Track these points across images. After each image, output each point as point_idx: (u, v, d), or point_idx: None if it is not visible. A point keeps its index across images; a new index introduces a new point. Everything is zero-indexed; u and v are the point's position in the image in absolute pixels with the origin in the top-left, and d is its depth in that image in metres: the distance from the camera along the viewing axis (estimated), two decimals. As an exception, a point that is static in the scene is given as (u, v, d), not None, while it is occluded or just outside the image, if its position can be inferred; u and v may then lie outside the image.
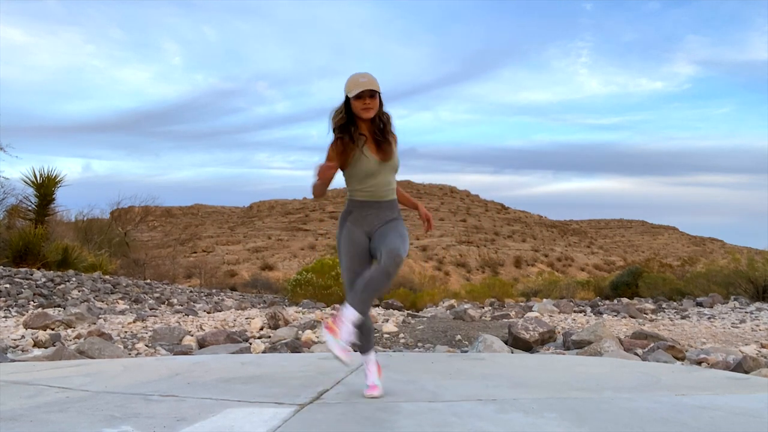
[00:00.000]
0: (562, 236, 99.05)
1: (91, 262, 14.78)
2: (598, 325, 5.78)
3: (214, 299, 12.82)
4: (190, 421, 2.34)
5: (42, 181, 15.01)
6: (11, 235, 13.22)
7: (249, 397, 2.80)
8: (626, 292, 17.44)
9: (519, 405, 2.68)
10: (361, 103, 2.81)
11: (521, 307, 11.29)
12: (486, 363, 4.14)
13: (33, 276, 10.49)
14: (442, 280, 42.84)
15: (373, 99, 2.82)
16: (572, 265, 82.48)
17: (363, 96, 2.80)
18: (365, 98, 2.81)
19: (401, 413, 2.53)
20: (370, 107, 2.82)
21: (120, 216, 24.50)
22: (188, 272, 34.38)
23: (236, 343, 5.45)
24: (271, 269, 62.90)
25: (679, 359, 4.92)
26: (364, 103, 2.81)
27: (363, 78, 2.80)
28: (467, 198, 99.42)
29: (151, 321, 7.43)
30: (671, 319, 8.73)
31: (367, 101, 2.81)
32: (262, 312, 8.96)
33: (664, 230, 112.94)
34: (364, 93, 2.79)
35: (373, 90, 2.81)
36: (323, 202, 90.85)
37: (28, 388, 2.98)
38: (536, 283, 23.31)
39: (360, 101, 2.81)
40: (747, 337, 6.54)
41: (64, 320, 6.50)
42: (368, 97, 2.81)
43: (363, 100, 2.81)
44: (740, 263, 14.34)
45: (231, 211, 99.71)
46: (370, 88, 2.79)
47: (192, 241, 75.03)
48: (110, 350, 4.81)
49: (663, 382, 3.36)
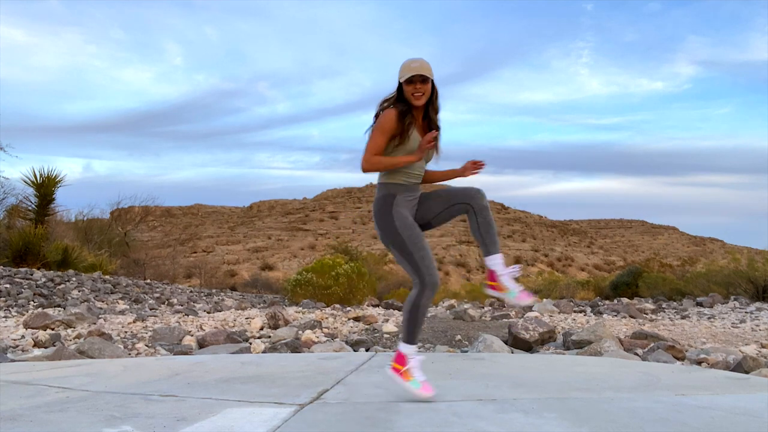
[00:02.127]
0: (562, 236, 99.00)
1: (91, 262, 14.78)
2: (598, 325, 5.78)
3: (214, 299, 12.82)
4: (190, 421, 2.34)
5: (42, 181, 15.02)
6: (11, 235, 13.22)
7: (249, 397, 2.80)
8: (626, 292, 17.45)
9: (519, 405, 2.68)
10: (412, 88, 2.75)
11: (521, 307, 11.28)
12: (486, 363, 4.13)
13: (33, 276, 10.49)
14: (442, 280, 42.84)
15: (424, 84, 2.76)
16: (572, 265, 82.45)
17: (414, 81, 2.74)
18: (416, 83, 2.75)
19: (401, 413, 2.53)
20: (421, 93, 2.76)
21: (120, 216, 24.49)
22: (188, 272, 34.40)
23: (236, 343, 5.44)
24: (271, 269, 62.89)
25: (679, 359, 4.92)
26: (415, 88, 2.75)
27: (415, 63, 2.75)
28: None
29: (151, 321, 7.43)
30: (671, 319, 8.73)
31: (419, 86, 2.75)
32: (262, 312, 8.95)
33: (664, 230, 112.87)
34: (415, 78, 2.73)
35: (425, 75, 2.74)
36: (323, 202, 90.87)
37: (28, 388, 2.98)
38: (536, 283, 23.30)
39: (411, 86, 2.75)
40: (747, 337, 6.53)
41: (64, 320, 6.50)
42: (419, 82, 2.75)
43: (414, 85, 2.75)
44: (740, 263, 14.33)
45: (231, 211, 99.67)
46: (421, 73, 2.73)
47: (192, 241, 74.98)
48: (110, 350, 4.81)
49: (663, 382, 3.36)
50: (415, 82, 2.74)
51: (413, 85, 2.74)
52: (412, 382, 2.76)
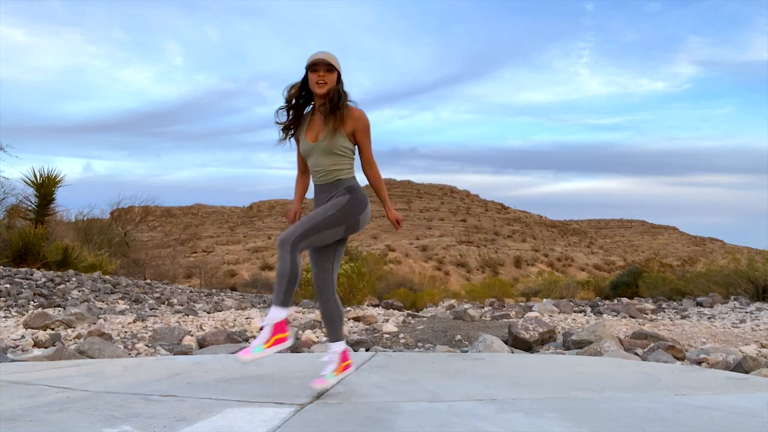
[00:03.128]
0: (562, 236, 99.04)
1: (91, 262, 14.78)
2: (598, 325, 5.78)
3: (214, 299, 12.82)
4: (190, 421, 2.34)
5: (42, 181, 15.01)
6: (11, 235, 13.22)
7: (249, 397, 2.80)
8: (626, 292, 17.44)
9: (519, 405, 2.68)
10: (315, 76, 2.71)
11: (521, 307, 11.29)
12: (486, 363, 4.13)
13: (33, 276, 10.49)
14: (442, 280, 42.87)
15: (329, 73, 2.71)
16: (572, 265, 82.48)
17: (318, 69, 2.69)
18: (320, 71, 2.70)
19: (401, 413, 2.53)
20: (324, 81, 2.71)
21: (120, 216, 24.48)
22: (188, 272, 34.42)
23: (236, 343, 5.44)
24: (271, 269, 62.90)
25: (679, 359, 4.92)
26: (319, 75, 2.70)
27: (322, 53, 2.72)
28: (467, 198, 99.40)
29: (151, 321, 7.43)
30: (671, 319, 8.73)
31: (321, 73, 2.70)
32: (262, 312, 8.95)
33: (664, 230, 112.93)
34: (319, 65, 2.69)
35: (330, 64, 2.70)
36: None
37: (28, 388, 2.98)
38: (536, 283, 23.32)
39: (315, 74, 2.71)
40: (747, 337, 6.53)
41: (64, 320, 6.50)
42: (323, 70, 2.70)
43: (317, 73, 2.70)
44: (740, 263, 14.34)
45: (231, 211, 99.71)
46: (325, 59, 2.69)
47: (192, 241, 74.95)
48: (110, 350, 4.81)
49: (663, 382, 3.36)
50: (318, 70, 2.70)
51: (317, 73, 2.71)
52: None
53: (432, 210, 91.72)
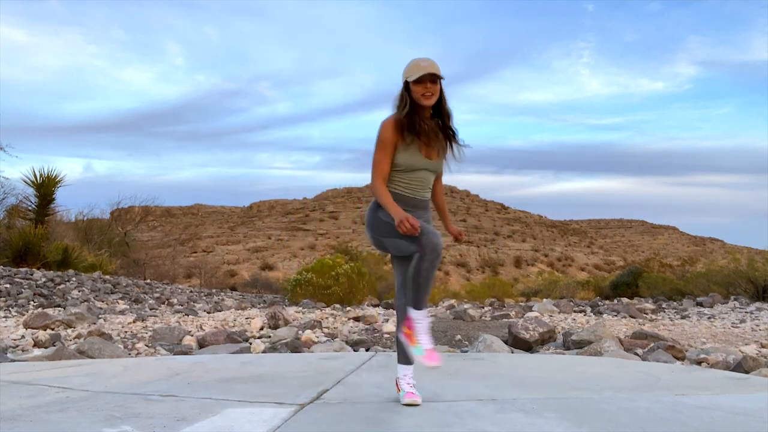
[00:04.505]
0: (562, 236, 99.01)
1: (91, 262, 14.79)
2: (598, 325, 5.78)
3: (214, 299, 12.83)
4: (190, 421, 2.34)
5: (42, 181, 15.02)
6: (11, 235, 13.23)
7: (249, 397, 2.80)
8: (626, 292, 17.44)
9: (519, 405, 2.68)
10: (422, 88, 2.66)
11: (521, 307, 11.28)
12: (486, 363, 4.13)
13: (33, 276, 10.49)
14: (442, 280, 42.88)
15: (434, 85, 2.68)
16: (572, 265, 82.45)
17: (424, 80, 2.65)
18: (426, 83, 2.66)
19: (401, 413, 2.53)
20: (431, 93, 2.68)
21: (120, 216, 24.49)
22: (188, 272, 34.40)
23: (236, 343, 5.44)
24: (271, 269, 62.90)
25: (679, 359, 4.92)
26: (425, 87, 2.66)
27: (424, 62, 2.66)
28: (467, 198, 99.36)
29: (151, 321, 7.43)
30: (671, 319, 8.73)
31: (429, 86, 2.66)
32: (262, 312, 8.96)
33: (664, 230, 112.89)
34: (425, 77, 2.65)
35: (435, 75, 2.66)
36: (323, 202, 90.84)
37: (28, 388, 2.98)
38: (536, 283, 23.33)
39: (421, 86, 2.65)
40: (747, 337, 6.53)
41: (64, 320, 6.50)
42: (429, 81, 2.66)
43: (424, 85, 2.65)
44: (740, 263, 14.34)
45: (231, 211, 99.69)
46: (431, 72, 2.64)
47: (192, 241, 74.93)
48: (110, 350, 4.81)
49: (663, 382, 3.36)
50: (425, 81, 2.66)
51: (423, 84, 2.66)
52: (416, 348, 2.64)
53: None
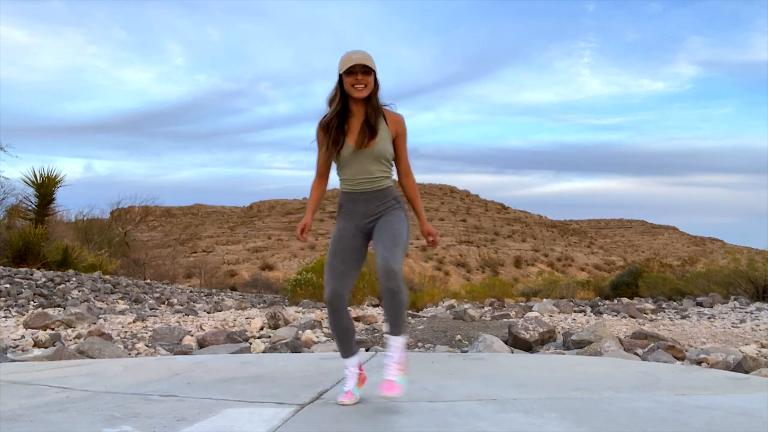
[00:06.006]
0: (562, 236, 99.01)
1: (91, 262, 14.78)
2: (598, 325, 5.78)
3: (214, 299, 12.82)
4: (190, 421, 2.34)
5: (42, 181, 15.01)
6: (11, 235, 13.22)
7: (249, 397, 2.80)
8: (626, 292, 17.42)
9: (519, 405, 2.68)
10: (352, 79, 2.61)
11: (521, 307, 11.28)
12: (486, 363, 4.13)
13: (33, 276, 10.49)
14: (442, 280, 42.81)
15: (366, 76, 2.62)
16: (572, 265, 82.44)
17: (354, 72, 2.60)
18: (357, 74, 2.60)
19: (401, 413, 2.53)
20: (363, 85, 2.62)
21: (120, 216, 24.48)
22: (188, 272, 34.35)
23: (236, 343, 5.44)
24: (271, 269, 62.91)
25: (679, 359, 4.92)
26: (356, 79, 2.60)
27: (356, 54, 2.60)
28: (467, 198, 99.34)
29: (151, 321, 7.43)
30: (671, 319, 8.73)
31: (359, 77, 2.61)
32: (262, 312, 8.95)
33: (664, 230, 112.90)
34: (355, 68, 2.59)
35: (367, 66, 2.60)
36: (323, 203, 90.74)
37: (28, 388, 2.98)
38: (536, 283, 23.30)
39: (351, 77, 2.61)
40: (747, 337, 6.53)
41: (64, 320, 6.50)
42: (360, 73, 2.61)
43: (354, 77, 2.60)
44: (740, 263, 14.32)
45: (231, 211, 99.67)
46: (362, 63, 2.58)
47: (192, 241, 74.91)
48: (110, 350, 4.81)
49: (663, 382, 3.36)
50: (355, 73, 2.60)
51: (354, 76, 2.61)
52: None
53: (432, 210, 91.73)
